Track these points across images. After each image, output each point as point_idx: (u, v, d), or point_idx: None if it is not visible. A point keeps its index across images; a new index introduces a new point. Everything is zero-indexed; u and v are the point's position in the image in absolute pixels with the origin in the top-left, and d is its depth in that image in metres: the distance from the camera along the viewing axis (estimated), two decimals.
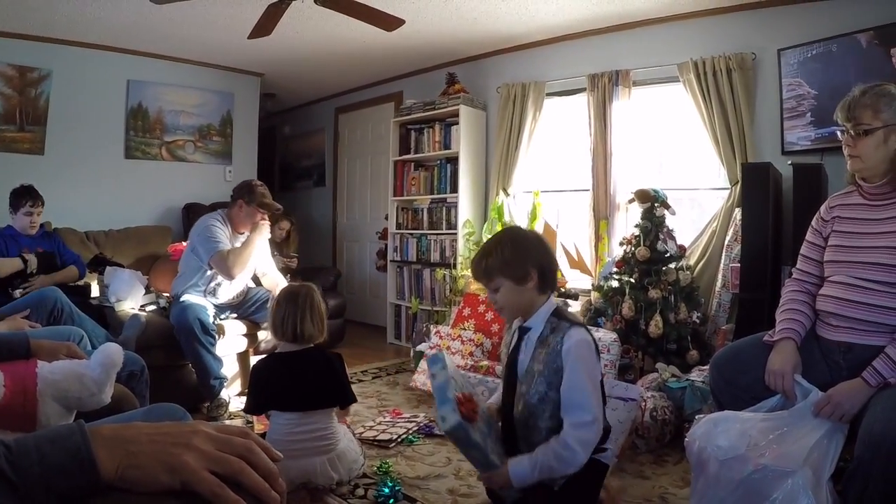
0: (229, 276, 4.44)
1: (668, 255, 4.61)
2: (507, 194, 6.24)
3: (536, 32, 5.98)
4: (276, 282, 4.80)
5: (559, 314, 2.35)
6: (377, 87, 8.07)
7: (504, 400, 2.46)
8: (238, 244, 4.57)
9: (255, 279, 4.96)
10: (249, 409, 3.22)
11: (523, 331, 2.40)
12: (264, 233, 4.60)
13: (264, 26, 4.68)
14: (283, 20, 4.65)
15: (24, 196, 4.53)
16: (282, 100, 9.00)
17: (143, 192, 6.62)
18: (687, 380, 3.88)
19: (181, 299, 4.40)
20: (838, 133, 2.48)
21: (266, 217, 4.64)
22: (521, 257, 2.32)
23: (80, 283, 4.76)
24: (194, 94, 7.03)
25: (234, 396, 4.61)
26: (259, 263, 4.83)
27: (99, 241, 5.64)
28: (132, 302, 4.73)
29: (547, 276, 2.36)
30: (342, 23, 5.16)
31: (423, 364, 4.92)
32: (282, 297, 3.26)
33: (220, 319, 4.60)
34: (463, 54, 6.76)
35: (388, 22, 4.64)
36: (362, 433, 3.76)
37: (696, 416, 2.47)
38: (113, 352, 1.88)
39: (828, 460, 2.05)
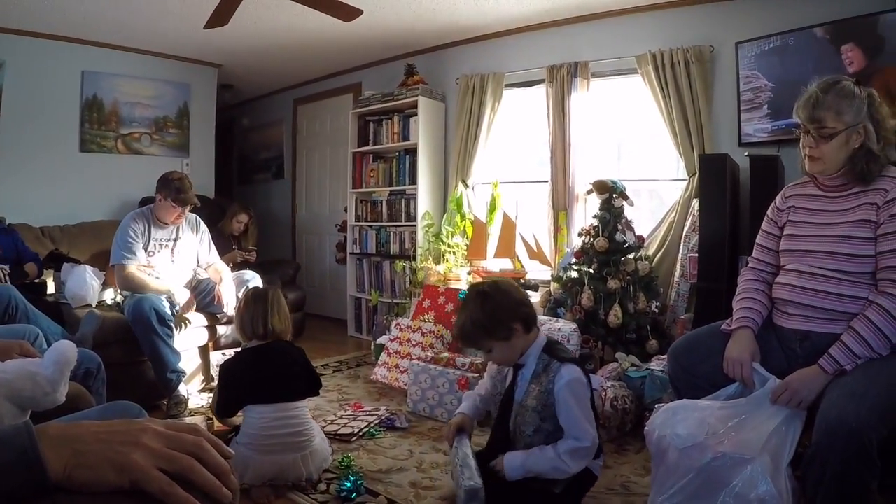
0: (119, 286, 4.50)
1: (627, 245, 4.64)
2: (466, 185, 6.24)
3: (496, 23, 5.98)
4: (219, 271, 4.76)
5: (550, 350, 2.49)
6: (336, 79, 8.01)
7: (497, 426, 2.64)
8: (161, 235, 4.56)
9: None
10: (221, 411, 3.18)
11: (517, 367, 2.55)
12: (178, 299, 4.44)
13: (221, 16, 4.62)
14: (240, 10, 4.59)
15: None
16: (240, 91, 8.90)
17: (99, 185, 6.50)
18: (647, 369, 3.90)
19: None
20: (795, 129, 2.47)
21: (180, 215, 4.52)
22: (499, 320, 2.43)
23: (36, 280, 4.68)
24: (150, 85, 6.91)
25: (194, 392, 4.56)
26: (202, 258, 4.82)
27: (54, 236, 5.54)
28: (89, 298, 4.65)
29: (528, 320, 2.49)
30: (300, 13, 5.12)
31: (384, 357, 4.92)
32: (249, 298, 3.30)
33: (176, 312, 4.53)
34: (422, 45, 6.74)
35: (346, 12, 4.61)
36: (324, 427, 3.72)
37: (656, 405, 2.49)
38: (66, 349, 1.83)
39: (786, 447, 2.08)
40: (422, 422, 4.05)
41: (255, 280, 4.82)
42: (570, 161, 5.57)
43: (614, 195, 4.70)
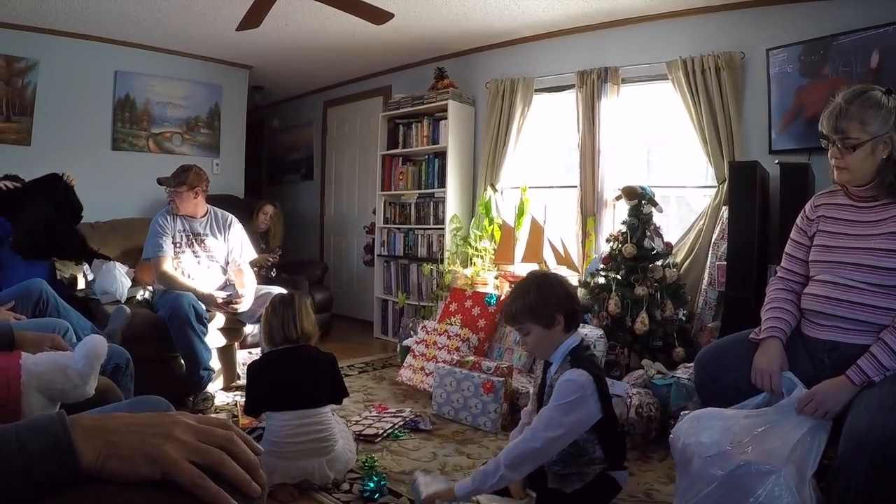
0: (155, 280, 4.60)
1: (655, 252, 4.61)
2: (494, 190, 6.24)
3: (526, 28, 5.98)
4: (243, 274, 4.79)
5: (574, 353, 2.53)
6: (366, 81, 8.05)
7: None
8: (188, 227, 4.64)
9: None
10: (248, 410, 3.17)
11: (547, 366, 2.64)
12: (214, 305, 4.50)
13: (253, 18, 4.66)
14: (272, 12, 4.63)
15: None
16: (270, 92, 8.96)
17: (130, 184, 6.56)
18: (672, 377, 3.88)
19: None
20: (822, 142, 2.44)
21: (180, 199, 4.60)
22: (546, 304, 2.50)
23: (66, 275, 4.72)
24: (182, 85, 6.99)
25: (217, 391, 4.59)
26: (231, 257, 4.80)
27: (85, 233, 5.56)
28: (118, 294, 4.70)
29: (572, 317, 2.56)
30: (331, 15, 5.16)
31: (409, 359, 4.92)
32: (277, 304, 3.24)
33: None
34: (452, 49, 6.75)
35: (378, 15, 4.63)
36: (349, 427, 3.74)
37: (681, 413, 2.48)
38: (97, 343, 1.86)
39: (811, 458, 2.06)
40: (446, 424, 4.05)
41: None
42: (599, 166, 5.55)
43: (643, 201, 4.67)
